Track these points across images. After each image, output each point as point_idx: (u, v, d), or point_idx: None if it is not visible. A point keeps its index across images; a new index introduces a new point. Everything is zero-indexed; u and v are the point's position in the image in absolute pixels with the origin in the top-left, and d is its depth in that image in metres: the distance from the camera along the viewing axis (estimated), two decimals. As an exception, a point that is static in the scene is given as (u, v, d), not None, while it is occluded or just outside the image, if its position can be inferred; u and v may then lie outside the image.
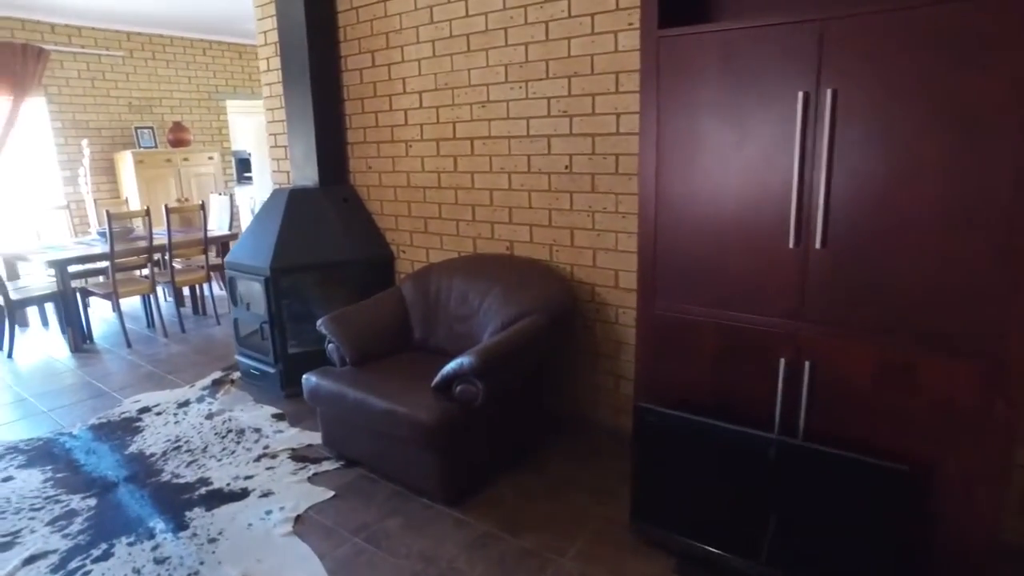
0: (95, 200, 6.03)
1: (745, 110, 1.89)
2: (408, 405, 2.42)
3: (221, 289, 5.68)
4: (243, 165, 9.44)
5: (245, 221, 8.30)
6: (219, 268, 5.27)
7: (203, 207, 4.79)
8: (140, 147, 6.67)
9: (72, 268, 4.51)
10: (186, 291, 5.53)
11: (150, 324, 5.06)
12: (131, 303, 5.51)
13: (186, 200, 6.71)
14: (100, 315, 5.49)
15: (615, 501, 2.49)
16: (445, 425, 2.35)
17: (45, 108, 6.26)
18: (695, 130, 2.00)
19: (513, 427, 2.77)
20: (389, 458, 2.63)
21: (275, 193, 3.67)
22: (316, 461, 2.83)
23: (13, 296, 4.44)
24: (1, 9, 5.84)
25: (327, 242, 3.51)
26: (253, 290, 3.54)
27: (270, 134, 4.24)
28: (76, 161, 6.37)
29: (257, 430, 3.14)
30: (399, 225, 3.66)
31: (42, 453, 3.01)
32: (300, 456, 2.88)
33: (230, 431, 3.14)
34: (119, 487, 2.68)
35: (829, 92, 1.72)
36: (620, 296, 2.91)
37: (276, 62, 4.02)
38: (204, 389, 3.69)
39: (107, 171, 6.66)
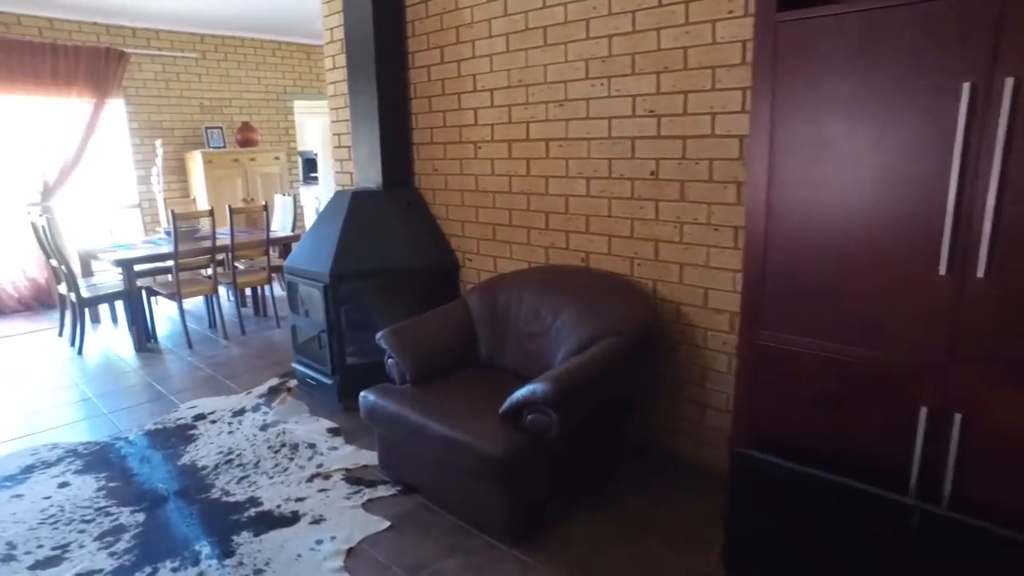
0: (165, 199, 6.10)
1: (884, 107, 1.57)
2: (474, 434, 2.18)
3: (283, 290, 5.63)
4: (309, 165, 9.51)
5: (309, 221, 8.33)
6: (281, 269, 5.21)
7: (266, 208, 4.72)
8: (209, 147, 6.73)
9: (140, 267, 4.51)
10: (248, 292, 5.51)
11: (212, 324, 5.04)
12: (194, 302, 5.51)
13: (252, 200, 6.73)
14: (166, 313, 5.52)
15: (699, 551, 2.19)
16: (514, 459, 2.11)
17: (123, 109, 6.39)
18: (818, 131, 1.69)
19: (586, 458, 2.51)
20: (450, 488, 2.40)
21: (337, 195, 3.52)
22: (371, 485, 2.64)
23: (84, 294, 4.47)
24: (88, 15, 5.99)
25: (389, 248, 3.33)
26: (312, 296, 3.39)
27: (334, 134, 4.11)
28: (149, 161, 6.48)
29: (311, 446, 2.98)
30: (465, 231, 3.45)
31: (98, 459, 2.94)
32: (355, 478, 2.69)
33: (284, 445, 2.99)
34: (168, 502, 2.56)
35: (1009, 82, 1.38)
36: (709, 317, 2.60)
37: (341, 59, 3.88)
38: (260, 397, 3.57)
39: (178, 171, 6.75)
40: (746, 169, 2.30)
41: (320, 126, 10.96)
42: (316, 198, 9.75)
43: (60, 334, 4.95)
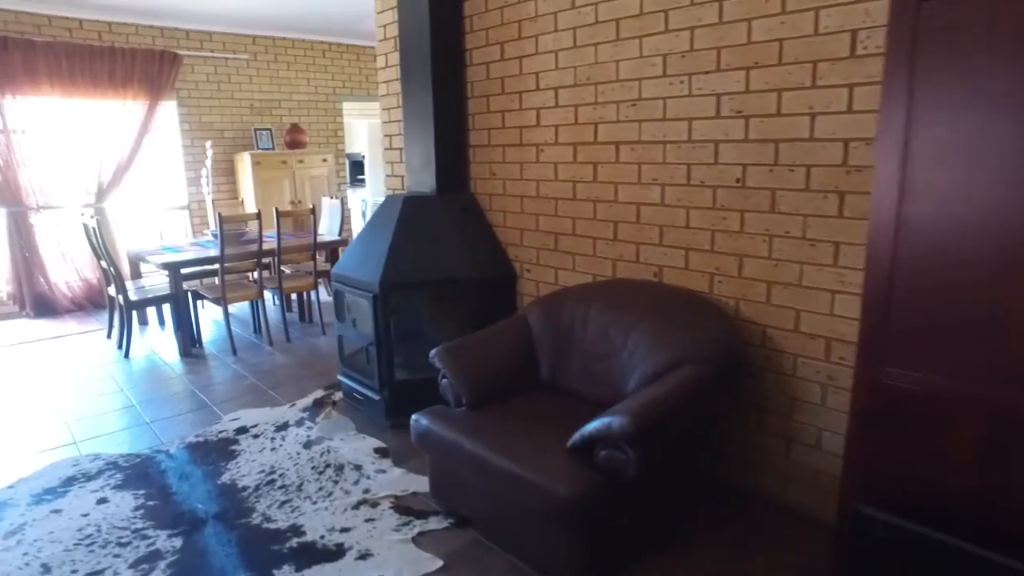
0: (214, 201, 6.06)
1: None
2: (540, 471, 1.95)
3: (328, 294, 5.50)
4: (356, 168, 9.44)
5: (356, 225, 8.24)
6: (327, 274, 5.08)
7: (313, 211, 4.59)
8: (258, 148, 6.68)
9: (187, 269, 4.43)
10: (293, 297, 5.40)
11: (256, 330, 4.93)
12: (240, 306, 5.43)
13: (299, 203, 6.65)
14: (211, 316, 5.46)
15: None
16: (585, 501, 1.87)
17: (175, 111, 6.39)
18: (973, 135, 1.41)
19: (660, 496, 2.25)
20: (510, 525, 2.18)
21: (388, 200, 3.34)
22: (422, 515, 2.43)
23: (132, 296, 4.41)
24: (143, 18, 6.01)
25: (443, 257, 3.13)
26: (360, 306, 3.22)
27: (385, 135, 3.94)
28: (199, 162, 6.46)
29: (358, 467, 2.79)
30: (524, 240, 3.23)
31: (138, 473, 2.81)
32: (404, 507, 2.49)
33: (328, 466, 2.81)
34: (207, 526, 2.40)
35: None
36: (800, 343, 2.31)
37: (395, 57, 3.71)
38: (304, 411, 3.41)
39: (227, 172, 6.72)
40: (863, 178, 2.02)
41: (368, 128, 10.91)
42: (363, 201, 9.68)
43: (108, 336, 4.91)
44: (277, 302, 5.37)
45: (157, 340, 4.92)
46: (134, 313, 4.57)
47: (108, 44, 5.85)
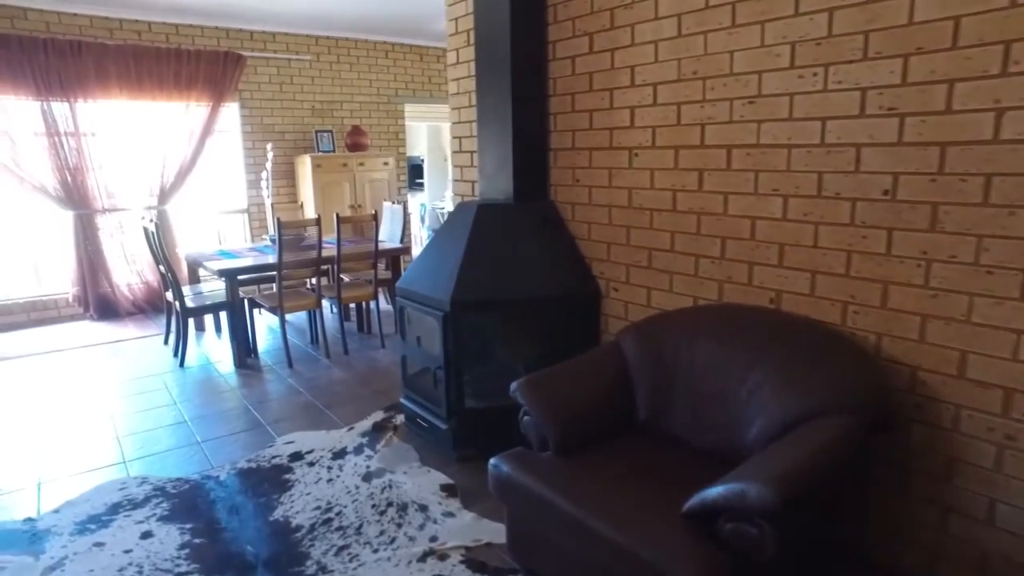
0: (273, 204, 5.92)
1: None
2: (649, 542, 1.60)
3: (387, 303, 5.27)
4: (415, 171, 9.27)
5: (415, 231, 8.04)
6: (387, 283, 4.84)
7: (375, 217, 4.35)
8: (319, 151, 6.53)
9: (243, 276, 4.26)
10: (351, 305, 5.18)
11: (313, 340, 4.72)
12: (296, 313, 5.25)
13: (359, 207, 6.47)
14: (268, 321, 5.29)
15: None
16: (711, 589, 1.50)
17: (237, 113, 6.29)
18: None
19: (787, 571, 1.85)
20: (605, 600, 1.83)
21: (460, 208, 3.04)
22: (498, 574, 2.10)
23: (188, 303, 4.25)
24: (209, 19, 5.93)
25: (521, 272, 2.80)
26: (425, 324, 2.92)
27: (454, 137, 3.66)
28: (260, 165, 6.34)
29: (423, 508, 2.48)
30: (612, 255, 2.87)
31: (186, 503, 2.58)
32: (477, 562, 2.17)
33: (390, 504, 2.51)
34: (256, 574, 2.13)
35: None
36: (967, 391, 1.88)
37: (468, 53, 3.42)
38: (363, 435, 3.13)
39: (287, 175, 6.60)
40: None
41: (427, 130, 10.75)
42: (421, 205, 9.50)
43: (165, 342, 4.79)
44: (335, 310, 5.17)
45: (213, 347, 4.77)
46: (190, 320, 4.41)
47: (174, 46, 5.79)
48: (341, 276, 4.56)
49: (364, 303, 4.92)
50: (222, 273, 4.02)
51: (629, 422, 2.26)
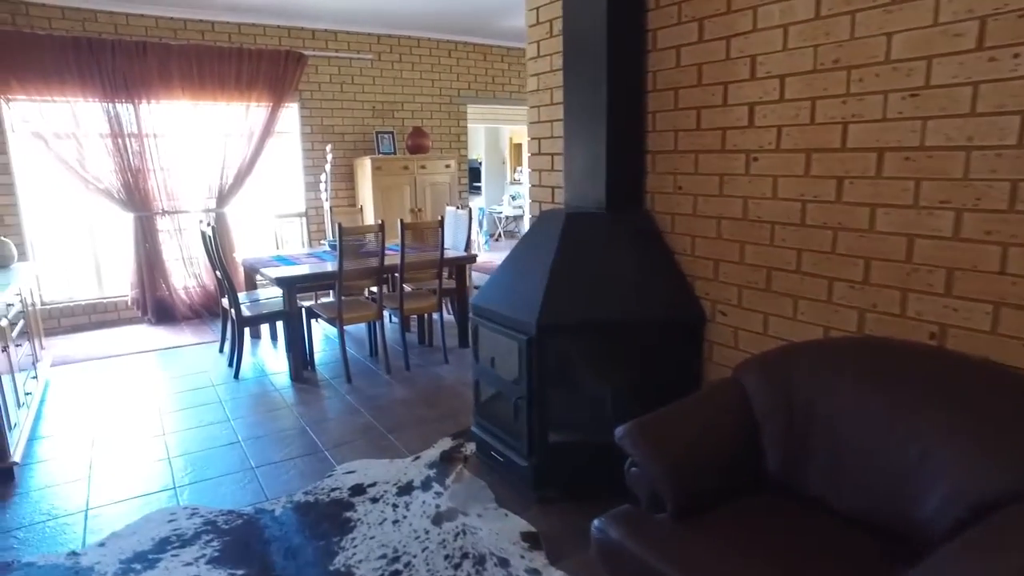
0: (332, 208, 5.72)
1: None
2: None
3: (449, 314, 5.00)
4: (471, 174, 9.01)
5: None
6: (451, 293, 4.55)
7: (441, 224, 4.07)
8: (379, 152, 6.32)
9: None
10: (412, 316, 4.92)
11: (372, 352, 4.48)
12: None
13: (419, 211, 6.23)
14: (325, 329, 5.09)
15: None
16: None
17: (296, 113, 6.14)
18: None
19: None
20: None
21: (544, 219, 2.72)
22: (599, 660, 1.76)
23: (245, 312, 4.06)
24: (271, 18, 5.80)
25: (614, 292, 2.46)
26: (501, 346, 2.61)
27: (533, 138, 3.34)
28: (319, 167, 6.17)
29: (503, 562, 2.16)
30: (720, 274, 2.49)
31: (238, 542, 2.32)
32: (572, 641, 1.83)
33: (466, 556, 2.20)
34: (318, 641, 1.84)
35: None
36: None
37: (551, 45, 3.11)
38: (430, 467, 2.84)
39: (346, 177, 6.42)
40: None
41: (485, 132, 10.47)
42: (480, 209, 9.24)
43: (220, 349, 4.63)
44: (394, 320, 4.92)
45: (268, 356, 4.58)
46: (246, 329, 4.22)
47: (236, 46, 5.67)
48: (403, 286, 4.29)
49: (426, 315, 4.65)
50: (280, 282, 3.81)
51: (756, 475, 1.88)
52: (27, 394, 3.33)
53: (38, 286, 5.27)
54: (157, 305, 5.60)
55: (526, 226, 9.67)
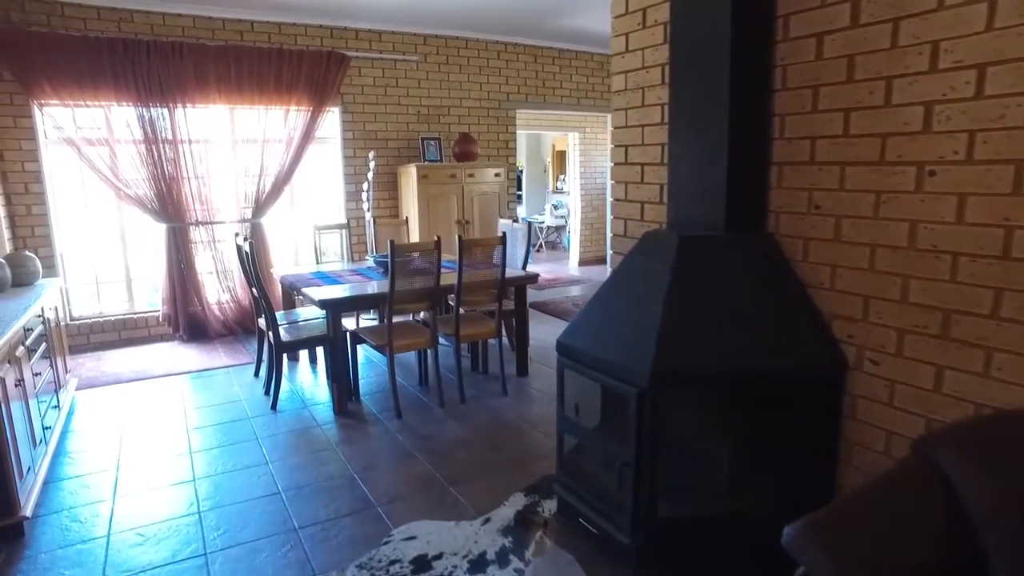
0: (374, 218, 5.34)
1: None
2: None
3: (506, 339, 4.56)
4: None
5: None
6: (511, 316, 4.12)
7: (503, 241, 3.64)
8: (425, 160, 5.94)
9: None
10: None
11: (422, 380, 4.06)
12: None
13: (467, 223, 5.82)
14: (368, 352, 4.69)
15: None
16: None
17: (338, 119, 5.79)
18: None
19: None
20: None
21: (649, 242, 2.28)
22: None
23: (284, 335, 3.67)
24: (313, 17, 5.46)
25: (740, 332, 2.00)
26: (598, 395, 2.16)
27: (618, 145, 2.90)
28: (361, 175, 5.81)
29: None
30: (871, 313, 2.01)
31: (282, 632, 1.90)
32: None
33: (565, 670, 1.75)
34: None
35: None
36: None
37: (642, 38, 2.68)
38: (504, 532, 2.40)
39: (388, 186, 6.04)
40: None
41: (526, 139, 10.04)
42: (522, 219, 8.83)
43: (256, 374, 4.26)
44: (444, 341, 4.50)
45: (307, 381, 4.20)
46: (284, 356, 3.83)
47: (276, 46, 5.35)
48: (460, 311, 3.87)
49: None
50: (324, 305, 3.41)
51: (980, 602, 1.40)
52: (46, 428, 2.98)
53: (67, 301, 4.99)
54: (189, 321, 5.27)
55: (574, 238, 9.23)
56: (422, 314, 3.83)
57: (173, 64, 4.93)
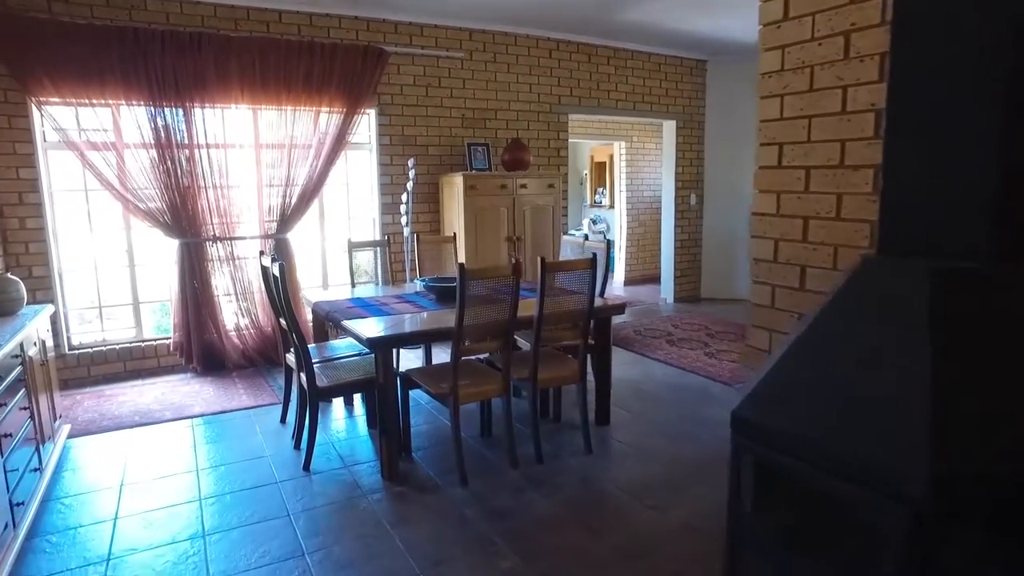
0: (416, 235, 4.67)
1: None
2: None
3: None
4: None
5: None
6: (592, 353, 3.40)
7: (593, 264, 2.94)
8: (471, 168, 5.28)
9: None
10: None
11: (485, 431, 3.36)
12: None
13: (518, 240, 5.14)
14: (417, 394, 3.99)
15: None
16: None
17: (374, 122, 5.16)
18: None
19: None
20: None
21: (874, 274, 1.57)
22: None
23: (321, 380, 2.99)
24: (347, 7, 4.84)
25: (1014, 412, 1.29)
26: (814, 505, 1.45)
27: (766, 144, 2.21)
28: (399, 185, 5.16)
29: None
30: None
31: None
32: None
33: None
34: None
35: None
36: None
37: (807, 2, 2.00)
38: None
39: (428, 198, 5.38)
40: None
41: (573, 146, 9.35)
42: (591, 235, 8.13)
43: (283, 419, 3.58)
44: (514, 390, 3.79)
45: (343, 428, 3.51)
46: (318, 404, 3.14)
47: (307, 39, 4.73)
48: (539, 349, 3.17)
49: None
50: (373, 344, 2.72)
51: None
52: (17, 505, 2.31)
53: (65, 327, 4.35)
54: (204, 350, 4.61)
55: (618, 256, 8.54)
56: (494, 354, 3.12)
57: (190, 58, 4.32)
